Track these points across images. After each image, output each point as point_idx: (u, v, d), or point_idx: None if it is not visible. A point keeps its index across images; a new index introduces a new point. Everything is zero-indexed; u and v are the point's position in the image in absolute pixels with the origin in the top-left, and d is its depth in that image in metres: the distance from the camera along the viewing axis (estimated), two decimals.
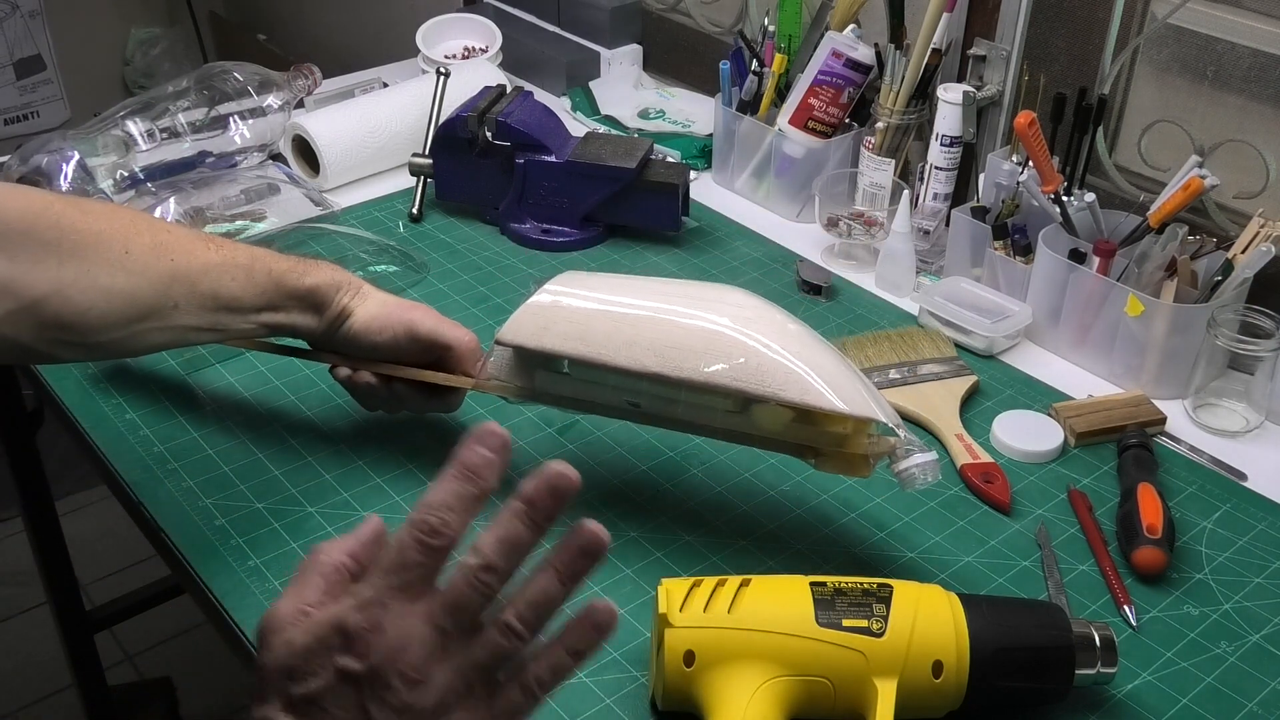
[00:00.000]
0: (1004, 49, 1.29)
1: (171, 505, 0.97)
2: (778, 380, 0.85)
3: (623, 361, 0.89)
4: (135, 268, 0.87)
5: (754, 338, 0.87)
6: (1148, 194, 1.19)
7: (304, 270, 0.96)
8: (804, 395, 0.85)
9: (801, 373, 0.85)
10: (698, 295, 0.92)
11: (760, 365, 0.86)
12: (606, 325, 0.90)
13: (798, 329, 0.90)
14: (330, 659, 0.56)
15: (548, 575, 0.57)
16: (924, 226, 1.32)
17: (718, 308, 0.90)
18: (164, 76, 3.09)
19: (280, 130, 1.45)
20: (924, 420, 1.08)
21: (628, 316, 0.90)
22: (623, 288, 0.95)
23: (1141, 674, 0.85)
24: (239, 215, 1.32)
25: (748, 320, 0.89)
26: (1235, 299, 1.11)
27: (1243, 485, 1.04)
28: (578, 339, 0.90)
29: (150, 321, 0.88)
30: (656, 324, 0.89)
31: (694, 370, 0.87)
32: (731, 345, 0.87)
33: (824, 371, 0.86)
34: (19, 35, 2.90)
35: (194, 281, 0.90)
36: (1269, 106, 1.15)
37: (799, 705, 0.75)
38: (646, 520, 0.96)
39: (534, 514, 0.57)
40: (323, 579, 0.59)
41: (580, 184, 1.34)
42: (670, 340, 0.88)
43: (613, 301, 0.92)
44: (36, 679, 2.07)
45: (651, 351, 0.88)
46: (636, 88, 1.72)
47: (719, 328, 0.88)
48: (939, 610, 0.77)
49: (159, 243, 0.89)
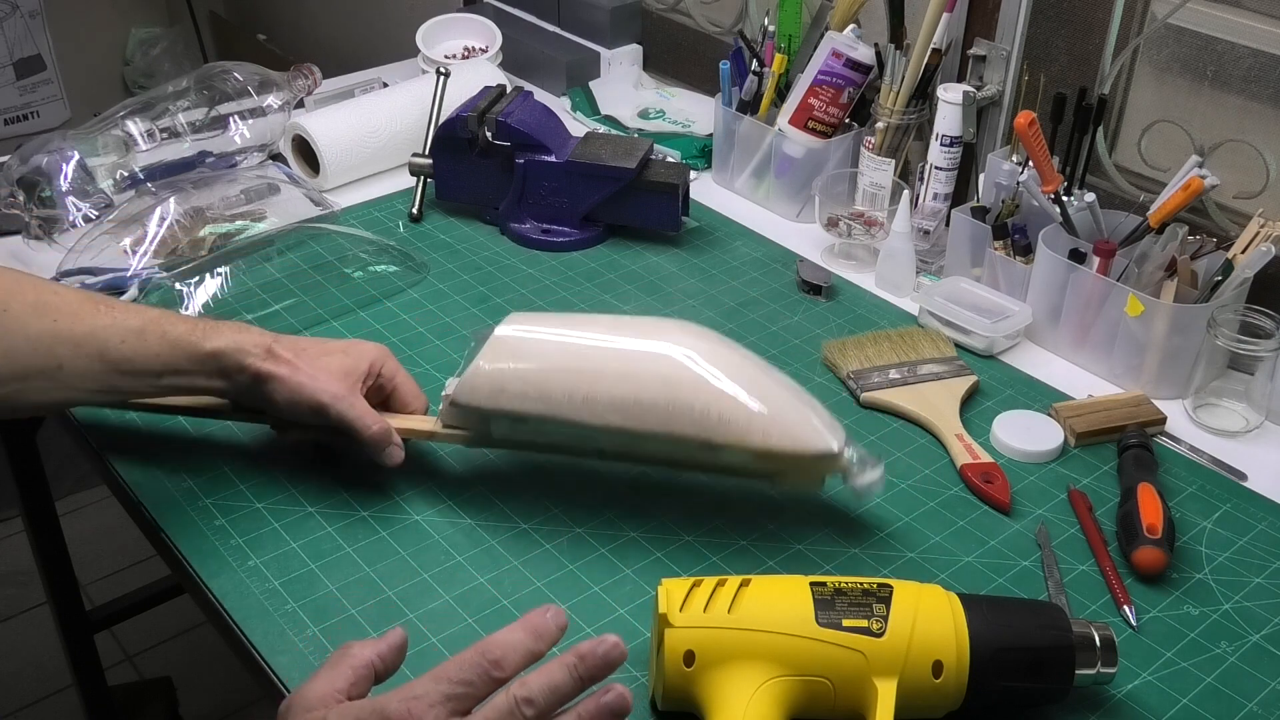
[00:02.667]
0: (1004, 49, 1.29)
1: (171, 505, 0.97)
2: (739, 426, 0.88)
3: (586, 418, 0.90)
4: (13, 326, 0.88)
5: (710, 383, 0.89)
6: (1148, 194, 1.19)
7: (205, 334, 0.93)
8: (766, 440, 0.88)
9: (762, 417, 0.88)
10: (646, 338, 0.92)
11: (721, 414, 0.88)
12: (564, 382, 0.90)
13: (748, 364, 0.92)
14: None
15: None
16: (924, 226, 1.32)
17: (670, 351, 0.91)
18: (164, 76, 3.09)
19: (280, 130, 1.45)
20: (924, 420, 1.08)
21: (584, 372, 0.90)
22: (571, 333, 0.94)
23: (1141, 674, 0.85)
24: (239, 215, 1.32)
25: (701, 363, 0.90)
26: (1235, 299, 1.11)
27: (1243, 485, 1.04)
28: (536, 399, 0.90)
29: (33, 381, 0.89)
30: (613, 378, 0.90)
31: (658, 423, 0.89)
32: (691, 395, 0.89)
33: (780, 412, 0.89)
34: (19, 35, 2.90)
35: (78, 343, 0.89)
36: (1269, 106, 1.15)
37: (799, 705, 0.75)
38: (646, 520, 0.96)
39: (581, 670, 0.64)
40: (352, 671, 0.64)
41: (580, 184, 1.34)
42: (630, 394, 0.89)
43: (565, 353, 0.92)
44: (36, 679, 2.07)
45: (612, 408, 0.89)
46: (636, 88, 1.72)
47: (676, 375, 0.89)
48: (939, 610, 0.77)
49: (42, 302, 0.90)
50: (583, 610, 0.88)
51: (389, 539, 0.94)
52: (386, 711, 0.61)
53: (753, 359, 0.93)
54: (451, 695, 0.62)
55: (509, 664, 0.63)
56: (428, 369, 1.14)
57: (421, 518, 0.96)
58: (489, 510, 0.97)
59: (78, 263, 1.23)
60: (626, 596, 0.90)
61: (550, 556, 0.93)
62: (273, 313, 1.20)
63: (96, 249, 1.23)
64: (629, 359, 0.91)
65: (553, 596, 0.89)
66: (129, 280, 1.21)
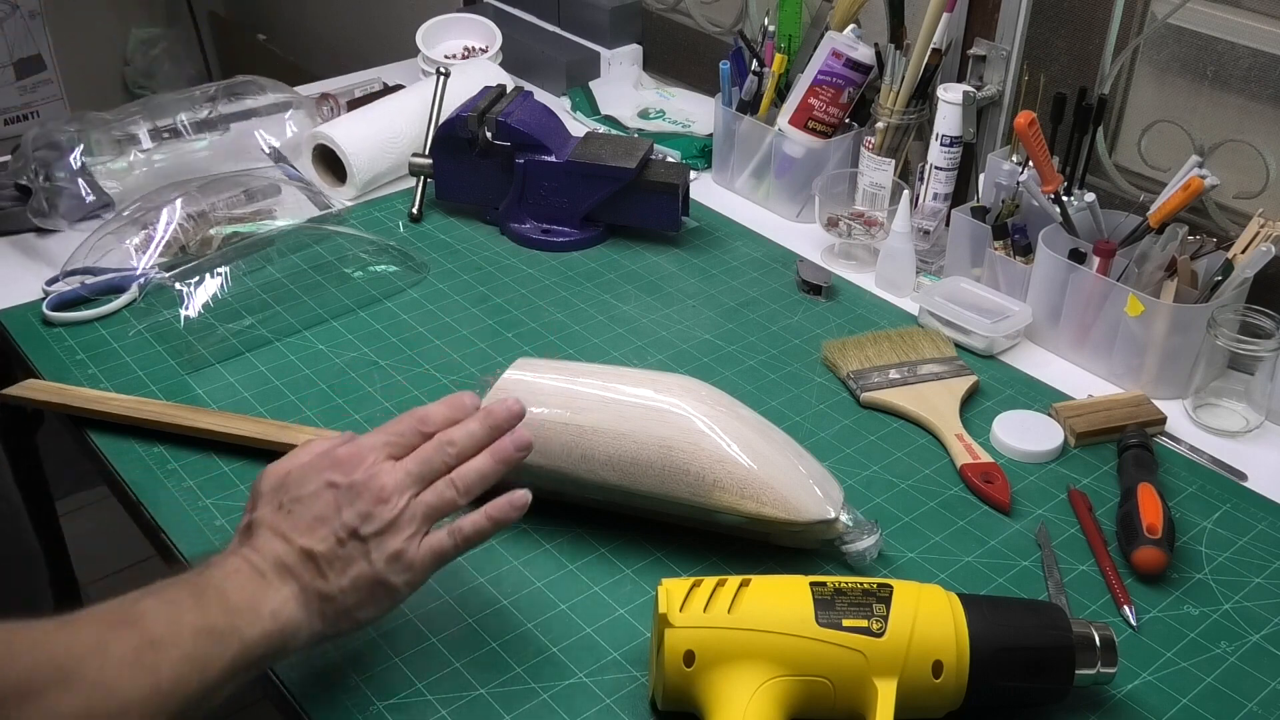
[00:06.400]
0: (1004, 49, 1.29)
1: (171, 505, 0.97)
2: (734, 493, 0.89)
3: (583, 474, 0.91)
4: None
5: (708, 447, 0.89)
6: (1148, 194, 1.19)
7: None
8: (760, 509, 0.89)
9: (756, 485, 0.89)
10: (648, 393, 0.93)
11: (717, 480, 0.89)
12: (562, 436, 0.91)
13: (746, 429, 0.91)
14: (322, 475, 0.76)
15: (487, 456, 0.79)
16: (924, 226, 1.32)
17: (669, 411, 0.91)
18: (164, 76, 3.09)
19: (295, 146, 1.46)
20: (924, 420, 1.08)
21: (583, 429, 0.91)
22: (572, 385, 0.94)
23: (1141, 674, 0.85)
24: (241, 217, 1.32)
25: (699, 425, 0.90)
26: (1235, 299, 1.11)
27: (1243, 485, 1.04)
28: (536, 452, 0.89)
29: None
30: (611, 437, 0.91)
31: (653, 485, 0.90)
32: (687, 459, 0.89)
33: (776, 479, 0.89)
34: (19, 35, 2.90)
35: None
36: (1269, 106, 1.14)
37: (799, 705, 0.75)
38: (646, 520, 0.96)
39: (491, 422, 0.79)
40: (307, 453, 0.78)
41: (580, 184, 1.34)
42: (627, 455, 0.90)
43: (565, 407, 0.92)
44: None
45: (610, 466, 0.91)
46: (636, 88, 1.72)
47: (672, 438, 0.90)
48: (939, 610, 0.77)
49: None
50: (583, 610, 0.88)
51: None
52: (336, 456, 0.77)
53: (753, 420, 0.94)
54: (389, 443, 0.78)
55: (434, 422, 0.79)
56: (428, 369, 1.14)
57: None
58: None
59: (82, 262, 1.23)
60: (626, 596, 0.90)
61: (550, 556, 0.93)
62: (273, 313, 1.20)
63: (103, 249, 1.23)
64: (628, 417, 0.91)
65: (553, 596, 0.89)
66: (129, 280, 1.21)
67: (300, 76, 2.15)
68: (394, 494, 0.75)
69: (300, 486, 0.76)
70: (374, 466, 0.76)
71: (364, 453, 0.77)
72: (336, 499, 0.75)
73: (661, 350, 1.18)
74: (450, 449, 0.78)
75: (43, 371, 1.12)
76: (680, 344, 1.19)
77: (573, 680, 0.83)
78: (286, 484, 0.76)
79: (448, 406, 0.80)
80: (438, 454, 0.78)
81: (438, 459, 0.77)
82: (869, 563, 0.92)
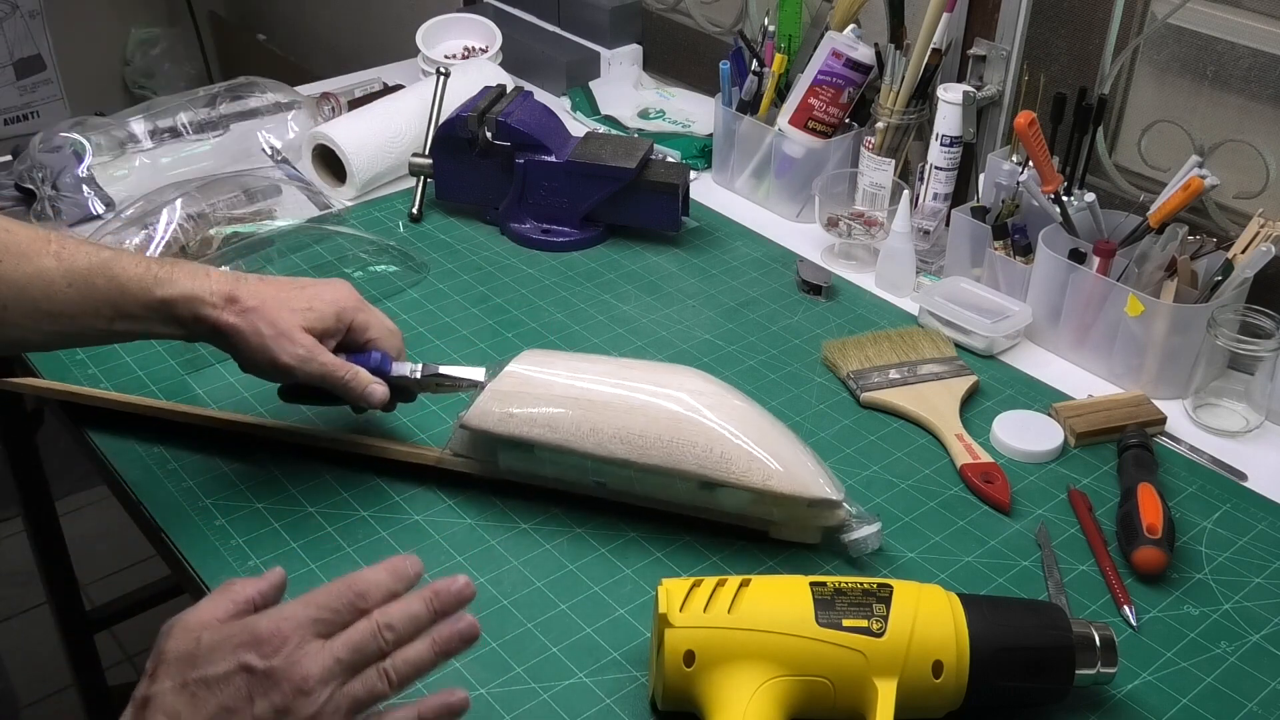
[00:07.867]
0: (1004, 49, 1.29)
1: (171, 505, 0.97)
2: (740, 466, 0.90)
3: (590, 448, 0.92)
4: None
5: (715, 423, 0.91)
6: (1148, 194, 1.19)
7: (158, 279, 0.89)
8: (766, 481, 0.89)
9: (762, 459, 0.89)
10: (656, 378, 0.94)
11: (724, 452, 0.90)
12: (573, 412, 0.92)
13: (753, 412, 0.93)
14: (236, 654, 0.65)
15: (427, 645, 0.69)
16: (924, 226, 1.32)
17: (677, 393, 0.93)
18: (164, 76, 3.09)
19: (296, 147, 1.45)
20: (924, 420, 1.08)
21: (593, 403, 0.92)
22: (583, 369, 0.96)
23: (1141, 674, 0.85)
24: (242, 217, 1.32)
25: (707, 405, 0.92)
26: (1235, 299, 1.11)
27: (1243, 485, 1.04)
28: (545, 425, 0.92)
29: None
30: (621, 411, 0.92)
31: (661, 457, 0.90)
32: (695, 432, 0.90)
33: (781, 456, 0.90)
34: (19, 35, 2.90)
35: (22, 287, 0.86)
36: (1269, 106, 1.15)
37: (799, 705, 0.75)
38: (646, 520, 0.96)
39: (437, 604, 0.69)
40: (232, 604, 0.69)
41: (580, 184, 1.34)
42: (635, 427, 0.91)
43: (575, 385, 0.94)
44: (36, 679, 2.07)
45: (618, 439, 0.91)
46: (636, 88, 1.72)
47: (681, 413, 0.91)
48: (939, 610, 0.77)
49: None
50: (583, 610, 0.89)
51: (389, 539, 0.94)
52: (256, 629, 0.66)
53: (759, 409, 0.95)
54: (318, 619, 0.67)
55: (372, 598, 0.69)
56: None
57: (421, 518, 0.96)
58: (489, 510, 0.97)
59: None
60: (626, 596, 0.90)
61: (550, 556, 0.93)
62: None
63: None
64: (638, 394, 0.93)
65: (553, 596, 0.90)
66: None
67: (300, 76, 2.15)
68: (317, 685, 0.65)
69: (210, 663, 0.65)
70: (298, 650, 0.66)
71: (287, 630, 0.66)
72: (249, 686, 0.65)
73: (661, 350, 1.18)
74: (388, 634, 0.68)
75: (43, 371, 1.12)
76: (680, 344, 1.19)
77: (573, 680, 0.83)
78: (195, 656, 0.66)
79: (389, 575, 0.70)
80: (372, 640, 0.68)
81: (372, 645, 0.68)
82: (870, 552, 0.92)
